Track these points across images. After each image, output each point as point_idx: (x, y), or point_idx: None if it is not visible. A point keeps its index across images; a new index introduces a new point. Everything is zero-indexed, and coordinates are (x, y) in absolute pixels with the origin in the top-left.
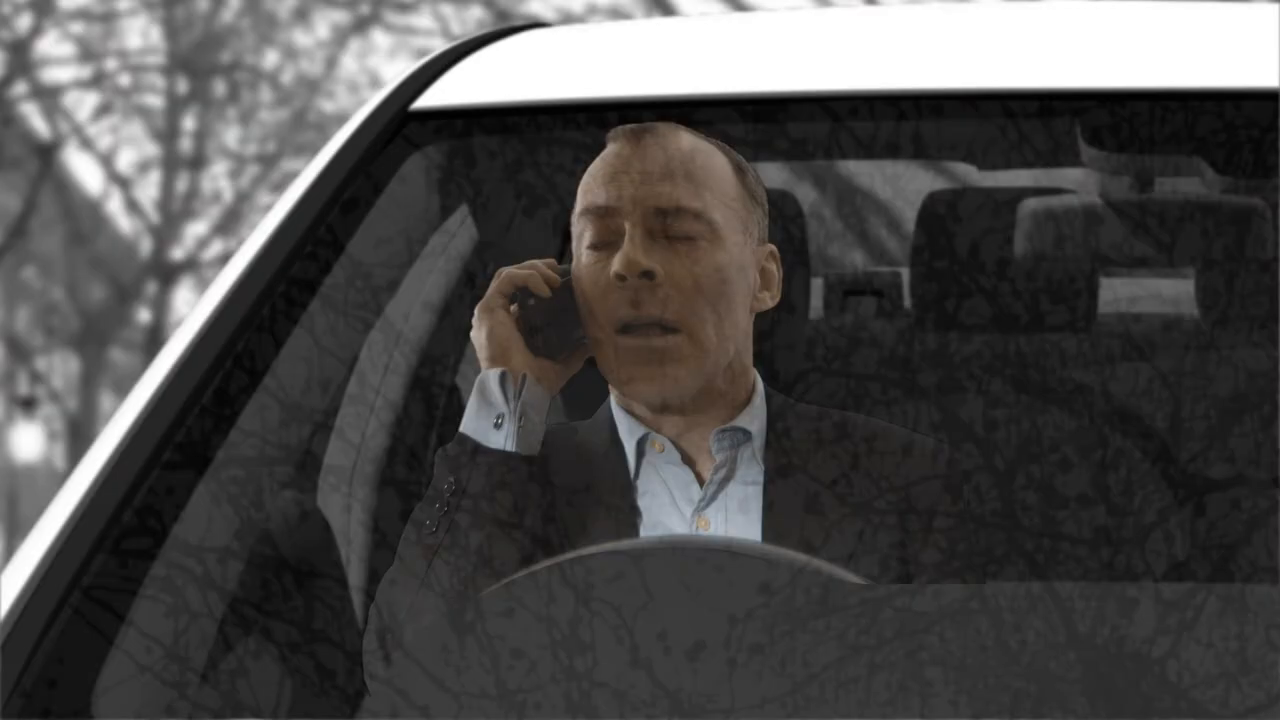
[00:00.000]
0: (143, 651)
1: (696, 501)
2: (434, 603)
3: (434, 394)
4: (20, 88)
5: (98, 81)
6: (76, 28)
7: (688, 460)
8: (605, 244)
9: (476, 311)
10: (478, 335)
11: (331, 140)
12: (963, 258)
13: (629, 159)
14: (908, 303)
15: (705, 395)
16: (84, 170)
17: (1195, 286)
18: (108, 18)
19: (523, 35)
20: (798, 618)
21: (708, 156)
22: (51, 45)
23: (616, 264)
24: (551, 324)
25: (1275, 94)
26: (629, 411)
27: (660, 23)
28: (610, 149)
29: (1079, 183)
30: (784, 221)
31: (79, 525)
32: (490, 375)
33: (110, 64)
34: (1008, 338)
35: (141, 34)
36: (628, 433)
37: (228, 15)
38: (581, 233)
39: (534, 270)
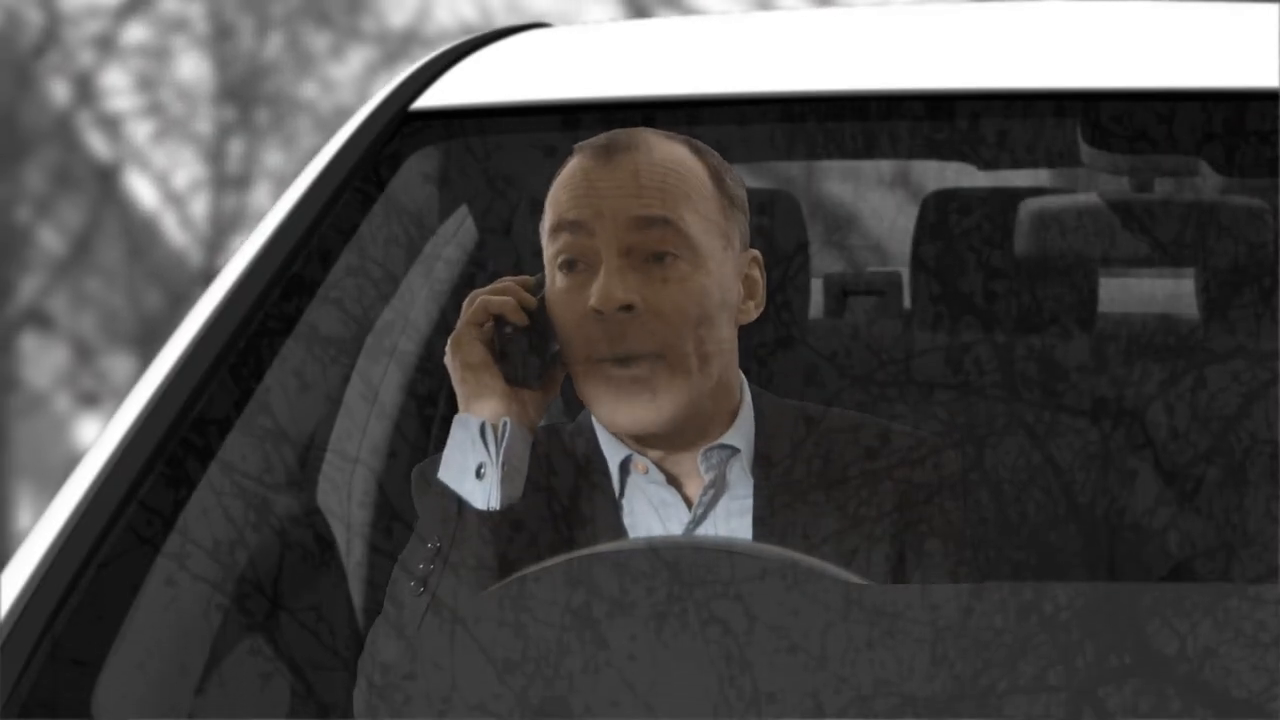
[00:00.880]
0: (143, 651)
1: (686, 523)
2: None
3: (434, 394)
4: (85, 116)
5: (154, 110)
6: (135, 62)
7: (673, 481)
8: (578, 265)
9: (449, 342)
10: (451, 367)
11: (332, 140)
12: (963, 258)
13: (599, 174)
14: (908, 303)
15: (693, 420)
16: (141, 190)
17: (1195, 286)
18: (162, 53)
19: (523, 35)
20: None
21: (683, 164)
22: (113, 78)
23: (594, 298)
24: (529, 349)
25: (1275, 94)
26: (617, 434)
27: (661, 23)
28: (577, 162)
29: (1079, 183)
30: (784, 222)
31: (79, 525)
32: (470, 421)
33: (165, 94)
34: (1008, 338)
35: (193, 67)
36: (611, 451)
37: (270, 51)
38: (555, 252)
39: (508, 295)
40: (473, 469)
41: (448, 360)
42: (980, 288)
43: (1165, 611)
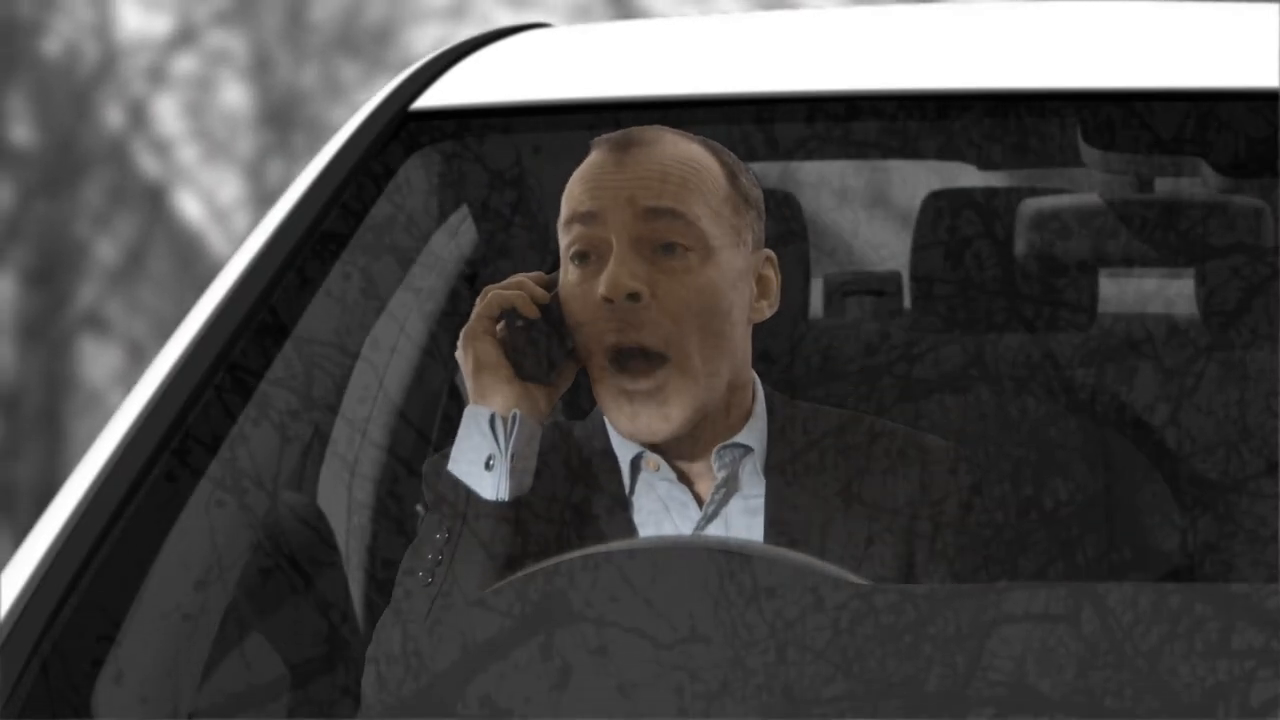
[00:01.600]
0: (143, 651)
1: (696, 520)
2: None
3: (434, 393)
4: (137, 140)
5: (200, 134)
6: (183, 91)
7: (684, 479)
8: (590, 257)
9: (461, 336)
10: (463, 361)
11: (332, 140)
12: (963, 258)
13: (613, 167)
14: (908, 303)
15: (703, 422)
16: (189, 206)
17: (1195, 286)
18: (208, 82)
19: (523, 35)
20: (798, 617)
21: (697, 161)
22: (163, 105)
23: (603, 286)
24: (541, 344)
25: (1275, 94)
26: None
27: (660, 23)
28: (594, 157)
29: (1079, 183)
30: (784, 222)
31: (79, 525)
32: (480, 413)
33: (210, 120)
34: (1008, 337)
35: (236, 95)
36: (621, 449)
37: (306, 80)
38: (568, 244)
39: (521, 290)
40: (482, 460)
41: (459, 354)
42: (980, 288)
43: (1165, 613)
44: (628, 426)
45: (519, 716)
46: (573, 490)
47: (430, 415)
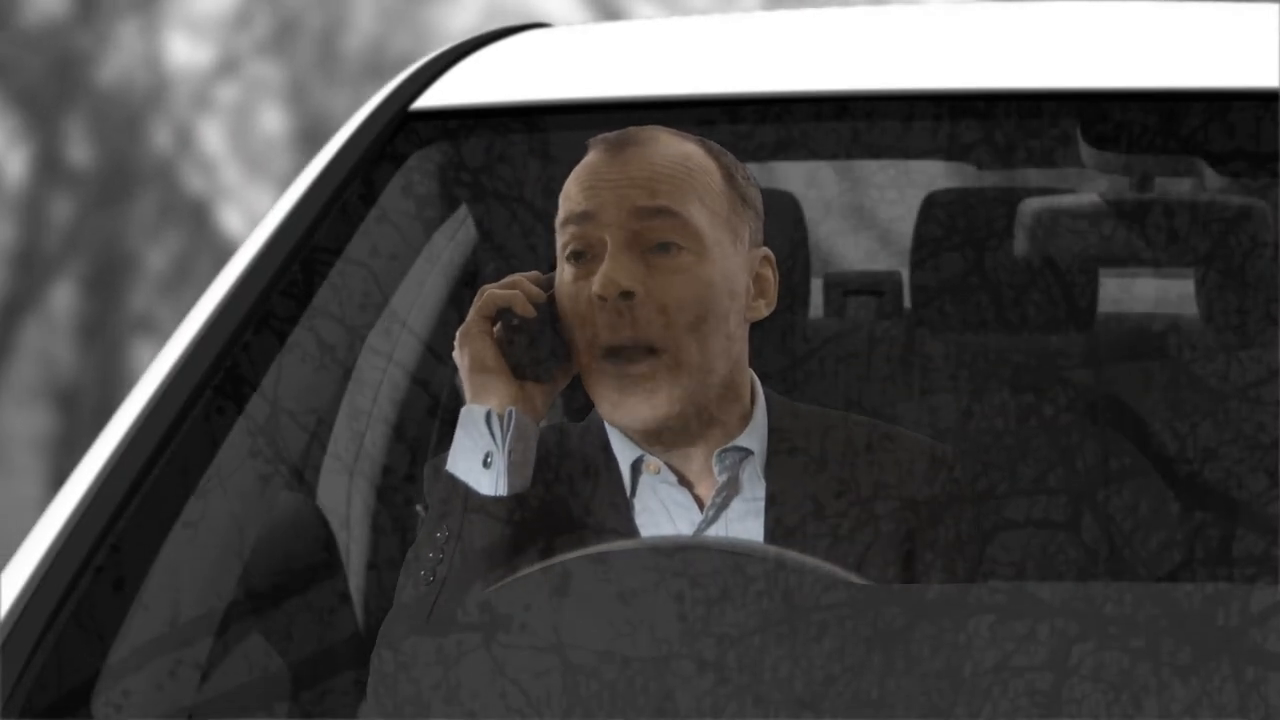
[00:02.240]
0: (143, 651)
1: (697, 523)
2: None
3: (434, 394)
4: (184, 160)
5: (241, 155)
6: (226, 115)
7: (685, 482)
8: (585, 255)
9: (458, 336)
10: (460, 361)
11: (332, 140)
12: (963, 258)
13: (609, 167)
14: (908, 303)
15: (698, 417)
16: (231, 220)
17: (1195, 286)
18: (248, 108)
19: (523, 35)
20: (798, 617)
21: (693, 160)
22: (208, 128)
23: (596, 284)
24: (537, 343)
25: (1275, 94)
26: (622, 430)
27: (660, 23)
28: (590, 157)
29: (1079, 183)
30: (784, 222)
31: (79, 525)
32: (476, 411)
33: (251, 141)
34: (1008, 338)
35: (273, 119)
36: (622, 451)
37: (338, 104)
38: (564, 243)
39: (517, 289)
40: (480, 458)
41: (456, 353)
42: (980, 288)
43: (1166, 614)
44: (614, 412)
45: (521, 716)
46: (573, 492)
47: (430, 415)
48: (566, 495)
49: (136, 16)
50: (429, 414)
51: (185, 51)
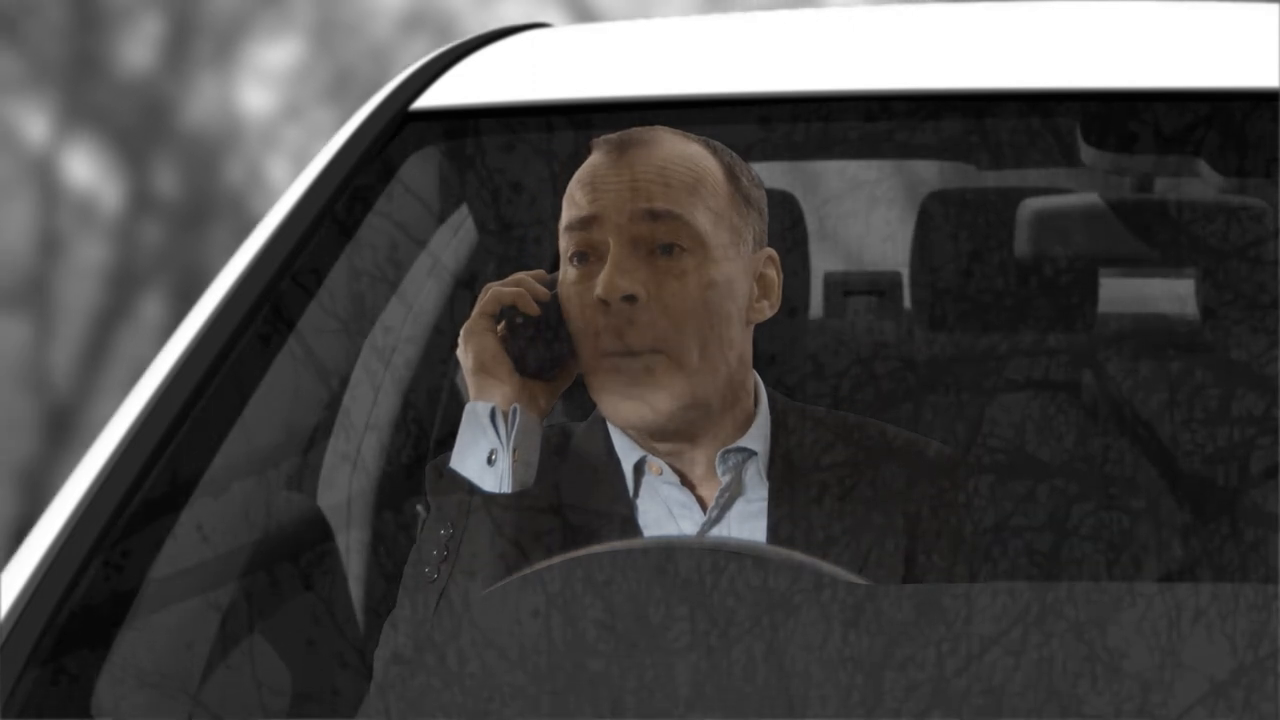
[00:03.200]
0: (143, 652)
1: (700, 524)
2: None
3: (434, 394)
4: (254, 193)
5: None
6: (290, 155)
7: (687, 483)
8: (589, 258)
9: (461, 333)
10: (464, 358)
11: (332, 140)
12: (963, 258)
13: (612, 168)
14: (908, 303)
15: (701, 418)
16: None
17: (1195, 286)
18: (308, 151)
19: (523, 35)
20: (798, 617)
21: (696, 161)
22: (275, 165)
23: (599, 287)
24: (540, 341)
25: (1275, 94)
26: (624, 431)
27: (660, 23)
28: (593, 159)
29: (1079, 183)
30: (784, 222)
31: (79, 525)
32: (480, 408)
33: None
34: (1008, 338)
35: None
36: (624, 452)
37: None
38: (566, 246)
39: (521, 287)
40: (484, 455)
41: (460, 351)
42: (980, 288)
43: (1166, 613)
44: (617, 413)
45: (523, 715)
46: (576, 492)
47: (430, 415)
48: (569, 495)
49: (214, 69)
50: (429, 413)
51: (255, 99)
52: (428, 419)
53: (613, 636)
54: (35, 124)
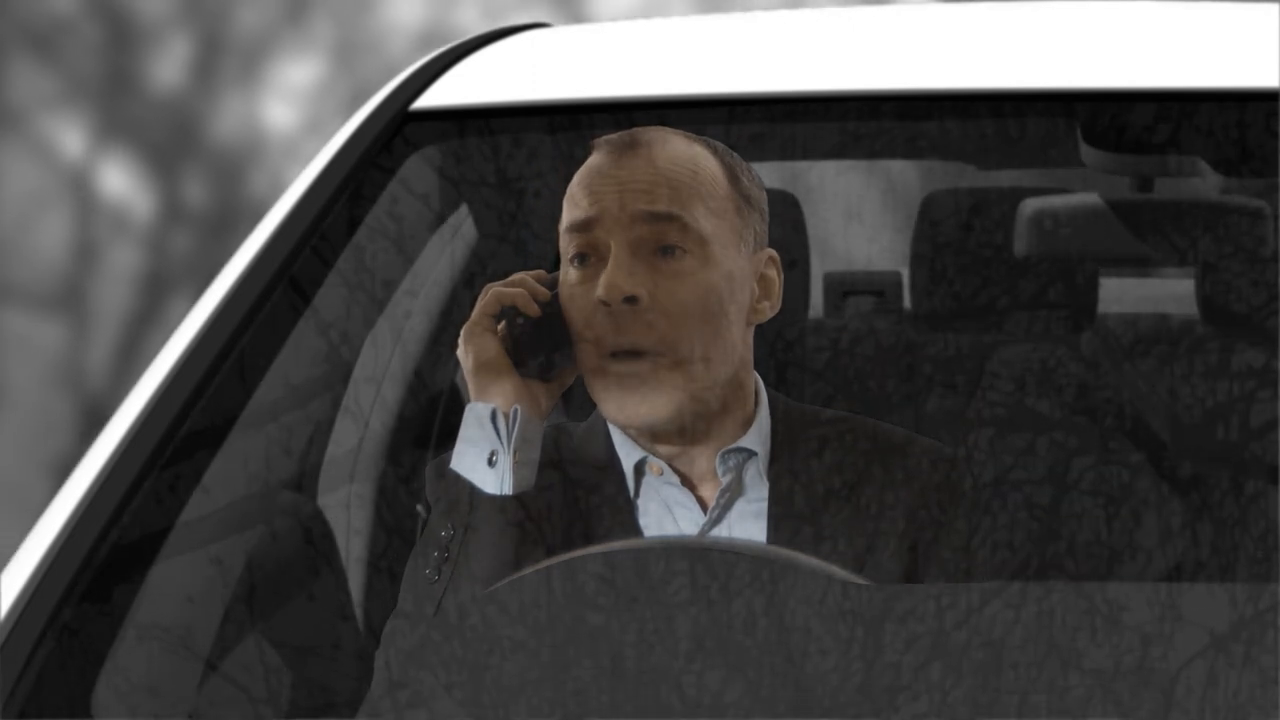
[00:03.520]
0: (143, 652)
1: (701, 524)
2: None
3: (434, 394)
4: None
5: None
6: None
7: (688, 483)
8: (589, 259)
9: (462, 333)
10: (464, 359)
11: (332, 140)
12: (963, 258)
13: (612, 169)
14: (908, 303)
15: (701, 418)
16: None
17: (1195, 286)
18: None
19: (523, 35)
20: (798, 617)
21: (697, 162)
22: (296, 176)
23: (600, 289)
24: (541, 342)
25: (1275, 94)
26: (624, 431)
27: (660, 23)
28: (594, 159)
29: (1079, 183)
30: (784, 222)
31: (79, 525)
32: (481, 409)
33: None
34: (1007, 338)
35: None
36: (625, 452)
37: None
38: (567, 247)
39: (522, 287)
40: (485, 456)
41: (460, 351)
42: (980, 288)
43: (1166, 613)
44: (617, 413)
45: (523, 715)
46: (577, 493)
47: (430, 415)
48: (570, 495)
49: (240, 86)
50: (429, 414)
51: (279, 114)
52: (428, 419)
53: (613, 637)
54: (72, 138)
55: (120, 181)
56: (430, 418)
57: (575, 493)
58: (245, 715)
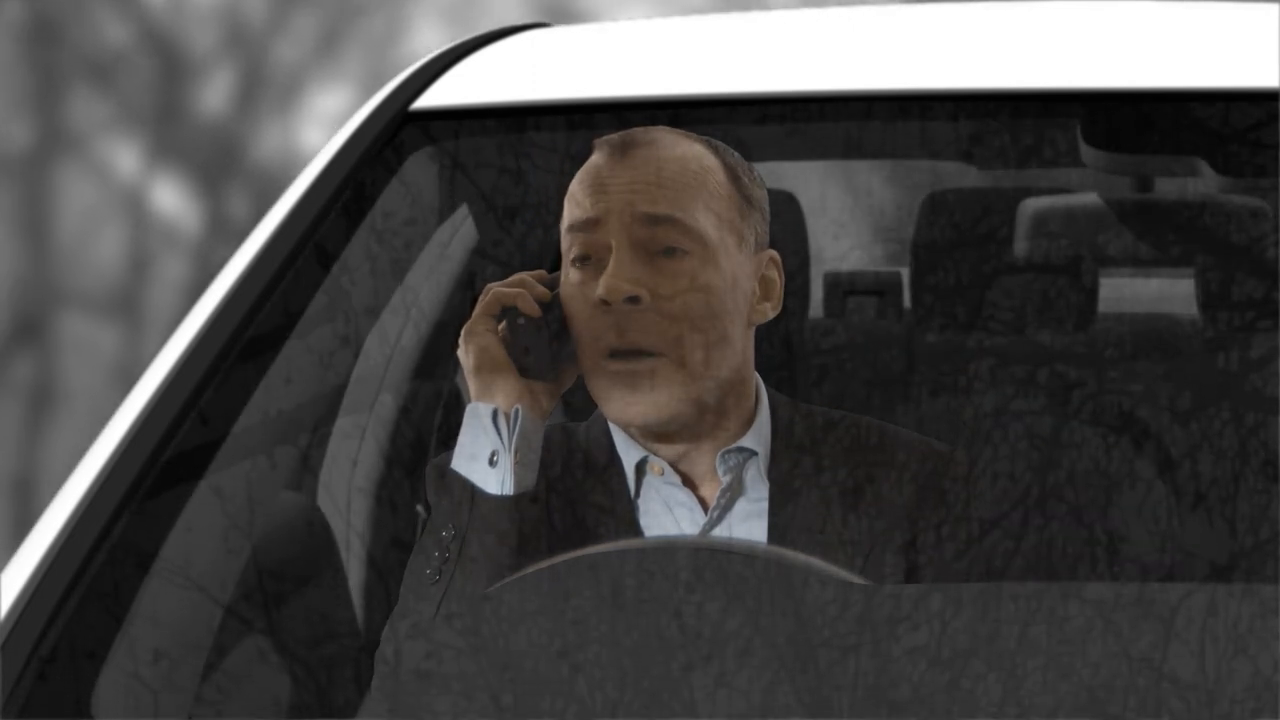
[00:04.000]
0: (142, 652)
1: (701, 524)
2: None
3: (434, 394)
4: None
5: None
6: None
7: (689, 483)
8: (591, 260)
9: (462, 334)
10: (465, 359)
11: (332, 140)
12: (963, 258)
13: (614, 170)
14: (908, 303)
15: (702, 418)
16: None
17: (1195, 286)
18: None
19: (523, 35)
20: (800, 618)
21: (698, 162)
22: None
23: (601, 289)
24: (542, 342)
25: (1275, 94)
26: (625, 431)
27: (660, 23)
28: (595, 159)
29: (1079, 183)
30: (784, 222)
31: (79, 525)
32: (482, 409)
33: None
34: (1007, 338)
35: None
36: (626, 452)
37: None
38: (568, 247)
39: (522, 288)
40: (485, 456)
41: (460, 351)
42: (980, 288)
43: (1166, 613)
44: (618, 413)
45: (524, 715)
46: (578, 493)
47: (430, 415)
48: (571, 495)
49: (278, 113)
50: (429, 414)
51: (313, 138)
52: (428, 419)
53: (613, 637)
54: (127, 160)
55: (171, 199)
56: (430, 418)
57: (576, 493)
58: (245, 716)
